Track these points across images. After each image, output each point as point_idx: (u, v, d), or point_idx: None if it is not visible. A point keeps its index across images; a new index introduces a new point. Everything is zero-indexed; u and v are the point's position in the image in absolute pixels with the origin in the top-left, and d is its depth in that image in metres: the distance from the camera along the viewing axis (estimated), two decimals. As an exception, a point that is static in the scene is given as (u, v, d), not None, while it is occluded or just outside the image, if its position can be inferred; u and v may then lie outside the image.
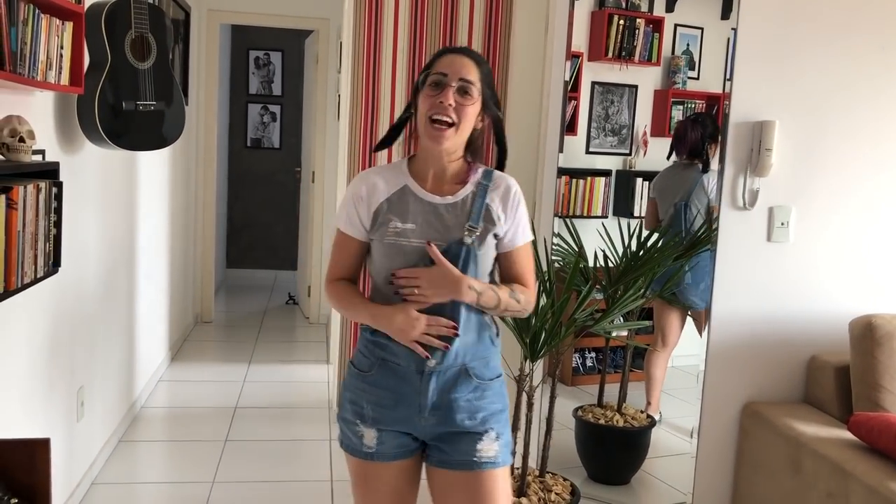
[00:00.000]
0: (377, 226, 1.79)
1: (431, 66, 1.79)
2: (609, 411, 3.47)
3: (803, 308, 2.91)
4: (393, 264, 1.77)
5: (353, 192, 1.83)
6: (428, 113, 1.75)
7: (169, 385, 4.53)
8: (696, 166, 3.88)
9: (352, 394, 1.84)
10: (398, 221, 1.77)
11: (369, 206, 1.80)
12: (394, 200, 1.80)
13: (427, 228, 1.77)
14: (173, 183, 4.89)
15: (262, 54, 7.49)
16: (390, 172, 1.86)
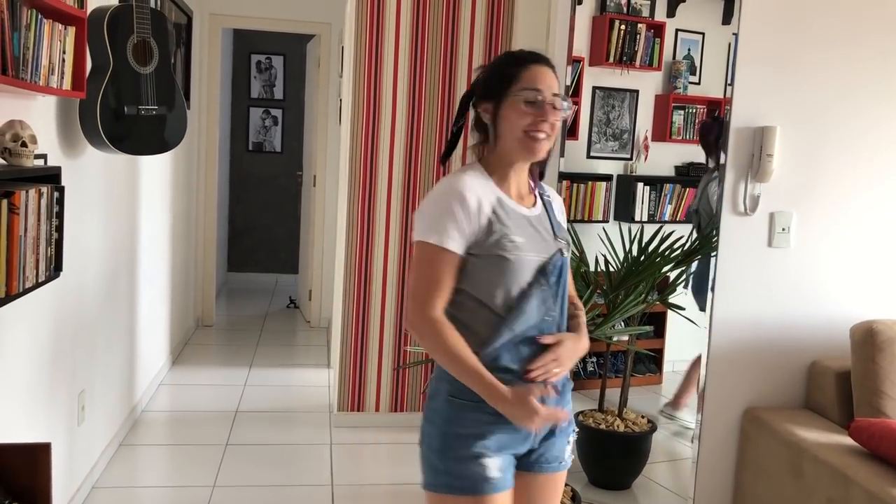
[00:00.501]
0: (490, 240, 1.67)
1: (516, 77, 1.71)
2: (610, 416, 3.47)
3: (804, 313, 2.91)
4: (507, 282, 1.68)
5: (458, 202, 1.66)
6: (527, 128, 1.70)
7: (170, 389, 4.53)
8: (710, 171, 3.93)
9: (470, 427, 1.68)
10: (512, 234, 1.68)
11: (480, 218, 1.67)
12: (499, 213, 1.70)
13: (533, 242, 1.72)
14: (175, 186, 4.90)
15: (264, 58, 7.50)
16: (478, 182, 1.72)
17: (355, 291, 3.99)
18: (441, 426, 1.70)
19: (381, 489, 3.43)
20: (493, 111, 1.75)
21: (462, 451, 1.67)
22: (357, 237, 3.95)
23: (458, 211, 1.65)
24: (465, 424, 1.68)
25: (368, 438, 3.92)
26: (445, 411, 1.70)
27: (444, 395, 1.71)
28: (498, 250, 1.67)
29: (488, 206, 1.69)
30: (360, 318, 4.01)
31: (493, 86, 1.75)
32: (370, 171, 3.92)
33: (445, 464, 1.68)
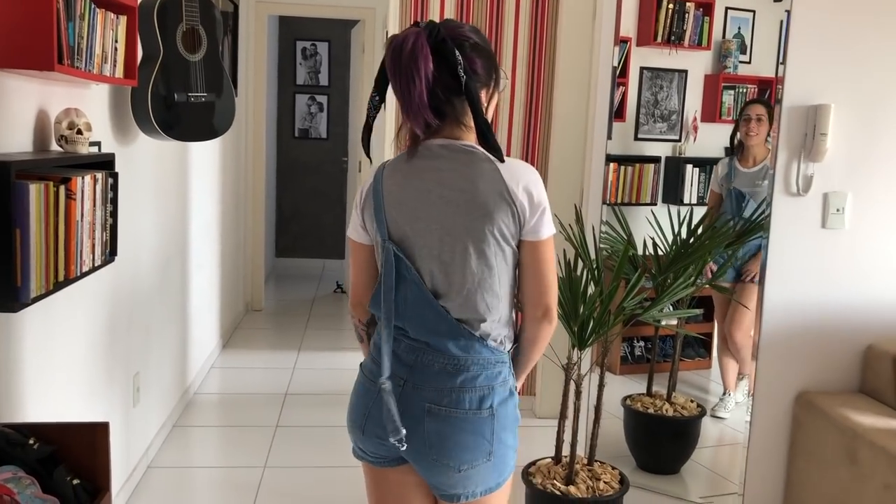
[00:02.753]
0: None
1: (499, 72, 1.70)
2: (658, 400, 3.44)
3: (859, 296, 2.85)
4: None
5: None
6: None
7: (221, 372, 4.62)
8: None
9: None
10: None
11: None
12: None
13: None
14: (223, 173, 4.97)
15: (309, 45, 7.54)
16: None
17: (401, 275, 4.01)
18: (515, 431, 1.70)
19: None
20: (488, 97, 1.67)
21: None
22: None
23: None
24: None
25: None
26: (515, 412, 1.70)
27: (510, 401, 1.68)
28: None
29: None
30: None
31: (490, 69, 1.65)
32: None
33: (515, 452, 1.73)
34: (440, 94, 1.56)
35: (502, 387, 1.64)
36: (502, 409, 1.64)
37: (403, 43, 1.53)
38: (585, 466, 2.86)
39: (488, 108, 1.66)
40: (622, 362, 4.05)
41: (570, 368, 2.73)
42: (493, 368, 1.63)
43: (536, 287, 1.64)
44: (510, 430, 1.67)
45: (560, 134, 3.97)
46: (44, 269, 1.80)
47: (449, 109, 1.60)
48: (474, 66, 1.59)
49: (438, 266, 1.61)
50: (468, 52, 1.58)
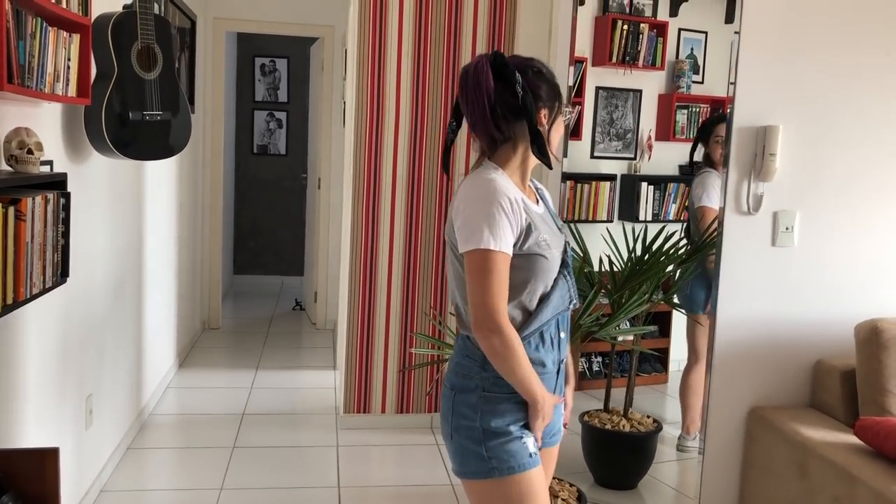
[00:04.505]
0: (528, 240, 1.75)
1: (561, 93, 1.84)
2: (615, 416, 3.48)
3: (808, 312, 2.91)
4: (543, 279, 1.78)
5: (506, 205, 1.71)
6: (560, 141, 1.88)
7: (177, 392, 4.56)
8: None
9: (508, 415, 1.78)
10: (543, 234, 1.77)
11: (520, 219, 1.74)
12: (529, 213, 1.77)
13: (553, 238, 1.81)
14: (180, 190, 4.92)
15: (268, 61, 7.52)
16: (508, 184, 1.77)
17: (360, 293, 4.00)
18: (480, 419, 1.78)
19: (388, 490, 3.44)
20: (550, 118, 1.82)
21: (505, 436, 1.77)
22: (361, 239, 3.97)
23: (508, 213, 1.70)
24: (502, 413, 1.77)
25: (375, 440, 3.93)
26: (482, 405, 1.78)
27: (477, 391, 1.78)
28: (537, 249, 1.76)
29: (521, 207, 1.75)
30: (366, 320, 4.03)
31: (553, 95, 1.82)
32: (374, 174, 3.93)
33: (491, 451, 1.77)
34: (499, 111, 1.74)
35: (465, 378, 1.81)
36: (462, 396, 1.80)
37: (469, 67, 1.74)
38: (543, 484, 2.87)
39: (551, 129, 1.82)
40: (580, 378, 4.09)
41: (528, 386, 2.75)
42: (464, 360, 1.82)
43: (468, 298, 1.74)
44: (464, 424, 1.79)
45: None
46: (-8, 292, 1.77)
47: (506, 127, 1.76)
48: (536, 88, 1.76)
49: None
50: (530, 76, 1.77)
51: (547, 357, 1.82)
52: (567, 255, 1.86)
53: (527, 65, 1.78)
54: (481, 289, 1.69)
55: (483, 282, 1.68)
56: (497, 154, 1.81)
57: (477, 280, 1.69)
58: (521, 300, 1.78)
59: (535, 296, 1.78)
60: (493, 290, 1.68)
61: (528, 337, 1.79)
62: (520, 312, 1.79)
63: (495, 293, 1.68)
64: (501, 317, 1.69)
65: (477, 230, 1.68)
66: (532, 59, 1.81)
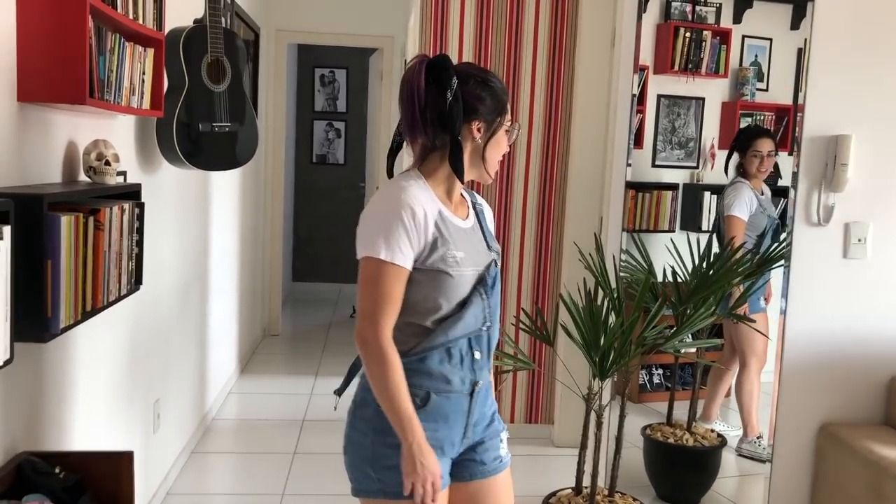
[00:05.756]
0: (433, 255, 1.66)
1: (506, 108, 1.76)
2: (678, 430, 3.42)
3: (882, 326, 2.83)
4: (446, 297, 1.68)
5: (409, 216, 1.63)
6: (500, 158, 1.79)
7: (239, 397, 4.63)
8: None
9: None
10: (454, 250, 1.68)
11: (426, 232, 1.65)
12: (440, 226, 1.68)
13: (471, 255, 1.73)
14: (243, 198, 5.02)
15: (328, 72, 7.63)
16: (423, 194, 1.69)
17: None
18: (371, 436, 1.72)
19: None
20: (486, 133, 1.73)
21: (394, 459, 1.67)
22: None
23: (408, 225, 1.63)
24: (395, 433, 1.66)
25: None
26: (376, 422, 1.70)
27: (373, 405, 1.69)
28: (441, 265, 1.67)
29: (432, 220, 1.67)
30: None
31: (496, 110, 1.73)
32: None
33: (378, 472, 1.72)
34: (429, 116, 1.67)
35: (364, 390, 1.75)
36: (360, 410, 1.77)
37: (408, 70, 1.68)
38: (606, 498, 2.84)
39: (487, 144, 1.73)
40: (641, 390, 4.03)
41: (591, 399, 2.73)
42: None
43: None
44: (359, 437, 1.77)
45: (578, 162, 3.99)
46: (72, 300, 1.83)
47: (432, 134, 1.69)
48: (474, 99, 1.69)
49: None
50: (471, 85, 1.69)
51: (454, 374, 1.72)
52: (488, 274, 1.75)
53: (472, 74, 1.71)
54: (366, 297, 1.64)
55: (368, 291, 1.63)
56: (426, 163, 1.73)
57: (364, 288, 1.64)
58: (417, 317, 1.69)
59: (435, 313, 1.69)
60: (377, 300, 1.62)
61: (427, 351, 1.69)
62: (414, 329, 1.69)
63: (378, 304, 1.62)
64: (379, 329, 1.62)
65: (373, 238, 1.62)
66: (485, 71, 1.74)
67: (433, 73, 1.66)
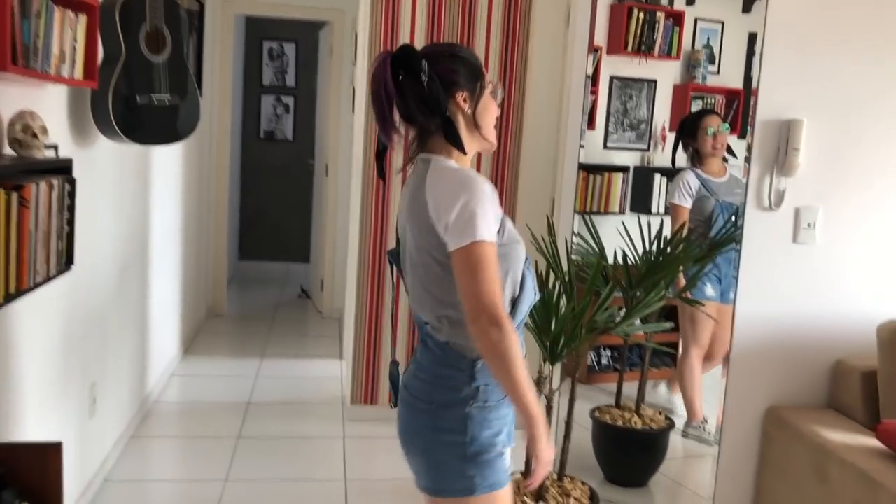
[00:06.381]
0: (504, 227, 1.68)
1: (482, 70, 1.74)
2: (627, 412, 3.42)
3: (829, 311, 2.84)
4: (516, 269, 1.69)
5: (488, 191, 1.62)
6: (494, 122, 1.76)
7: (181, 380, 4.51)
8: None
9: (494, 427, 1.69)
10: (506, 220, 1.70)
11: (497, 206, 1.67)
12: None
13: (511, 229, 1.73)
14: (187, 175, 4.86)
15: (276, 45, 7.43)
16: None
17: (369, 282, 3.94)
18: (470, 434, 1.67)
19: (395, 485, 3.38)
20: (472, 101, 1.72)
21: (491, 452, 1.68)
22: (371, 227, 3.90)
23: (491, 201, 1.61)
24: (490, 425, 1.69)
25: (382, 432, 3.86)
26: (473, 418, 1.67)
27: (465, 404, 1.67)
28: (515, 237, 1.71)
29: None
30: (374, 310, 3.97)
31: (473, 75, 1.73)
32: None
33: (478, 468, 1.67)
34: (412, 105, 1.66)
35: (450, 391, 1.69)
36: (445, 411, 1.69)
37: (372, 67, 1.67)
38: (555, 483, 2.82)
39: (476, 110, 1.71)
40: (589, 371, 4.02)
41: (542, 383, 2.69)
42: (446, 370, 1.70)
43: (462, 297, 1.60)
44: (451, 440, 1.68)
45: (531, 143, 3.94)
46: (-6, 282, 1.71)
47: (423, 120, 1.68)
48: (450, 73, 1.68)
49: (407, 276, 1.78)
50: (443, 61, 1.68)
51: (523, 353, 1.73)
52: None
53: (438, 51, 1.71)
54: (478, 282, 1.56)
55: (481, 275, 1.56)
56: (437, 147, 1.70)
57: (472, 274, 1.56)
58: (505, 293, 1.68)
59: (512, 290, 1.70)
60: (491, 280, 1.57)
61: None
62: (508, 305, 1.69)
63: (494, 283, 1.57)
64: (501, 309, 1.57)
65: (470, 223, 1.57)
66: (450, 45, 1.76)
67: (400, 64, 1.64)
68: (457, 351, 1.69)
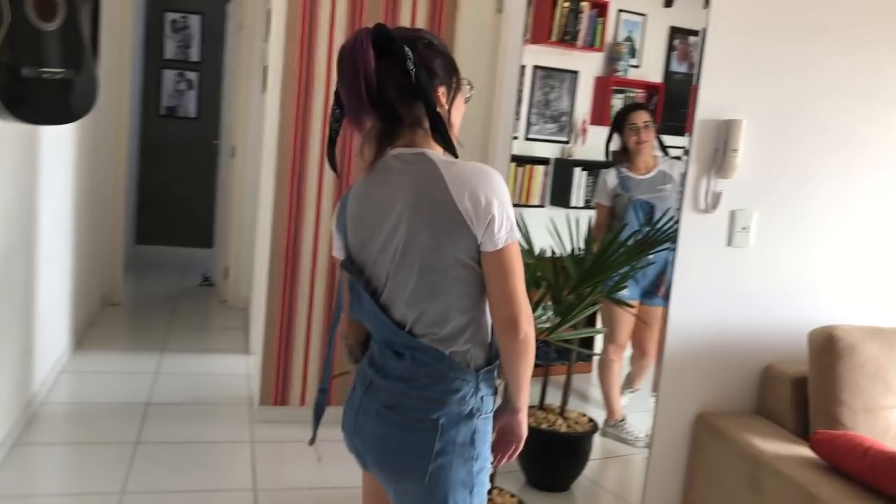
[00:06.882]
0: None
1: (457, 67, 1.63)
2: (551, 415, 3.32)
3: (760, 315, 2.81)
4: None
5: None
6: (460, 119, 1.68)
7: (72, 377, 4.14)
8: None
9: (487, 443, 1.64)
10: None
11: None
12: None
13: None
14: (80, 154, 4.46)
15: (180, 17, 7.00)
16: None
17: (281, 275, 3.70)
18: (477, 450, 1.59)
19: (310, 494, 3.18)
20: (449, 96, 1.61)
21: (486, 467, 1.63)
22: (285, 214, 3.65)
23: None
24: (487, 438, 1.62)
25: (294, 436, 3.64)
26: (481, 432, 1.59)
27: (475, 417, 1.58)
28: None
29: None
30: (286, 302, 3.72)
31: (450, 70, 1.61)
32: (300, 145, 3.61)
33: (477, 486, 1.61)
34: (391, 93, 1.51)
35: (458, 405, 1.56)
36: (451, 429, 1.55)
37: (346, 45, 1.50)
38: (483, 494, 2.68)
39: (451, 110, 1.60)
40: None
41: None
42: (448, 384, 1.56)
43: (496, 299, 1.54)
44: (459, 458, 1.56)
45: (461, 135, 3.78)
46: None
47: (405, 111, 1.54)
48: (429, 63, 1.54)
49: (392, 281, 1.58)
50: (421, 49, 1.54)
51: None
52: None
53: (416, 37, 1.58)
54: (519, 282, 1.53)
55: (520, 275, 1.53)
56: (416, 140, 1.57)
57: (513, 274, 1.52)
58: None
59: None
60: (523, 281, 1.55)
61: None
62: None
63: (524, 285, 1.55)
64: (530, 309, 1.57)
65: (507, 222, 1.52)
66: (420, 31, 1.63)
67: (381, 46, 1.49)
68: (460, 361, 1.57)
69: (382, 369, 1.63)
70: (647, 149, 3.81)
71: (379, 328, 1.64)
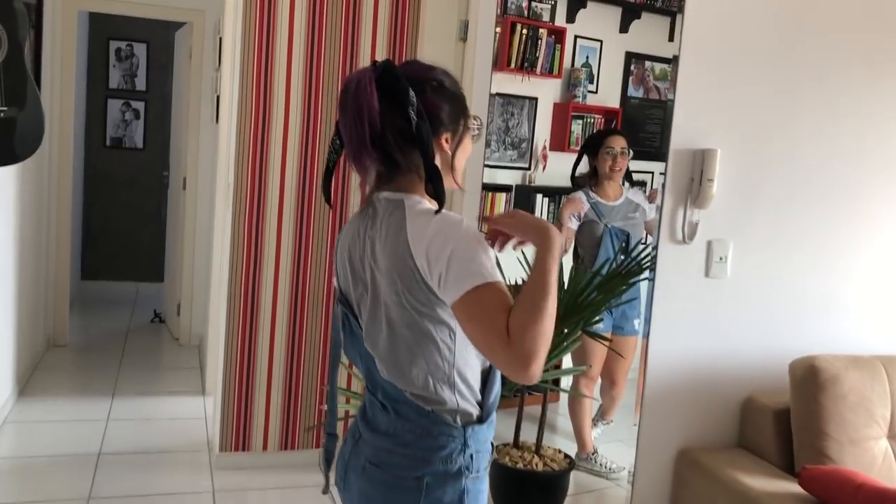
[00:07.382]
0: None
1: (466, 108, 1.53)
2: (527, 453, 3.22)
3: (740, 346, 2.76)
4: None
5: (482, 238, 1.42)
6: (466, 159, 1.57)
7: (16, 428, 3.89)
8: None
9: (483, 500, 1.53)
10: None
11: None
12: None
13: None
14: (22, 188, 4.24)
15: (125, 45, 6.79)
16: None
17: (241, 312, 3.53)
18: None
19: (277, 546, 3.02)
20: (454, 141, 1.52)
21: None
22: (244, 249, 3.50)
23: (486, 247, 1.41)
24: (478, 498, 1.50)
25: (256, 483, 3.47)
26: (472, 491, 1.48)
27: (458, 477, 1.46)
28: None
29: None
30: (246, 341, 3.56)
31: (458, 114, 1.52)
32: (259, 177, 3.47)
33: None
34: (390, 139, 1.42)
35: (444, 463, 1.46)
36: (437, 489, 1.45)
37: (351, 82, 1.42)
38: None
39: (456, 153, 1.52)
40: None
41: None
42: (432, 440, 1.46)
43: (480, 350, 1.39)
44: None
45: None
46: None
47: (401, 157, 1.45)
48: (435, 109, 1.45)
49: (367, 327, 1.50)
50: (429, 93, 1.45)
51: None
52: None
53: (425, 77, 1.47)
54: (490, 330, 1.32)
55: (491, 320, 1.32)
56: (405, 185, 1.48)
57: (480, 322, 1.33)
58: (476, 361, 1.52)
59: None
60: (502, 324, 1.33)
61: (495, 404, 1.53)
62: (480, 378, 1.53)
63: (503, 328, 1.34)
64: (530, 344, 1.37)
65: (475, 263, 1.34)
66: (433, 69, 1.50)
67: (385, 86, 1.40)
68: (444, 416, 1.45)
69: (371, 422, 1.54)
70: (619, 175, 3.76)
71: (366, 373, 1.55)
